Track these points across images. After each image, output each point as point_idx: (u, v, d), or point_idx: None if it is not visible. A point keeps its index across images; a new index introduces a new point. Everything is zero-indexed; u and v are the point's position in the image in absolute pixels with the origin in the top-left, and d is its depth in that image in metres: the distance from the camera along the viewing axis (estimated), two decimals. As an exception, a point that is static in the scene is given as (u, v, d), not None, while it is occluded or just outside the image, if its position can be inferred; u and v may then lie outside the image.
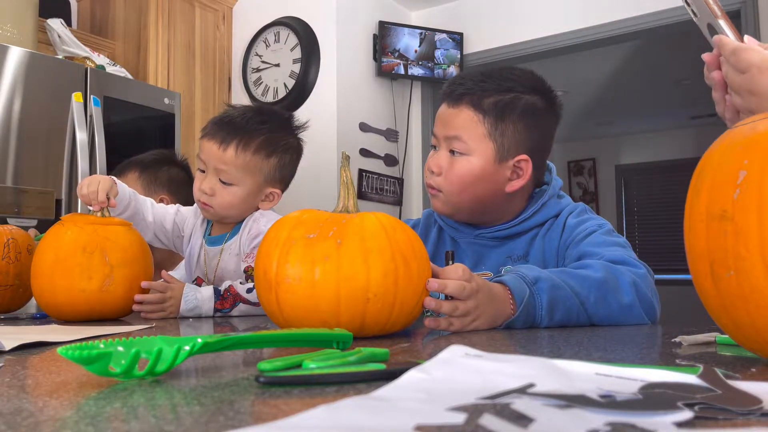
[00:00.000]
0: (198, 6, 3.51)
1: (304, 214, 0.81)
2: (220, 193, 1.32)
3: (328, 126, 3.46)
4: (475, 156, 1.13)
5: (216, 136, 1.30)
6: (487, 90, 1.14)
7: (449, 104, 1.16)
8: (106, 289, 1.13)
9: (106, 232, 1.16)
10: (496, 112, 1.13)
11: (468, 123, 1.13)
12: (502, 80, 1.16)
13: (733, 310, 0.51)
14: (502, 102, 1.13)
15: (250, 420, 0.36)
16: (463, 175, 1.13)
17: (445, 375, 0.45)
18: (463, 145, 1.13)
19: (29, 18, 2.81)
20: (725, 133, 0.56)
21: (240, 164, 1.30)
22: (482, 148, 1.13)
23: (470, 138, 1.13)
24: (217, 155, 1.30)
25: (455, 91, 1.15)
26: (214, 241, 1.41)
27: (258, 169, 1.32)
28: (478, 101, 1.13)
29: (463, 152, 1.13)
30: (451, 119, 1.15)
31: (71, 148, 2.62)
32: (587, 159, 7.67)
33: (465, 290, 0.82)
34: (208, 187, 1.32)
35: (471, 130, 1.13)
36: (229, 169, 1.30)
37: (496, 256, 1.19)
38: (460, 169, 1.13)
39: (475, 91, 1.14)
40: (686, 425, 0.32)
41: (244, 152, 1.30)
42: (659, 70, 5.27)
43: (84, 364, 0.47)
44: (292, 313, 0.76)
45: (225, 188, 1.32)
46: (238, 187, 1.32)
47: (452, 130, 1.14)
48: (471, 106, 1.13)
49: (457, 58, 3.83)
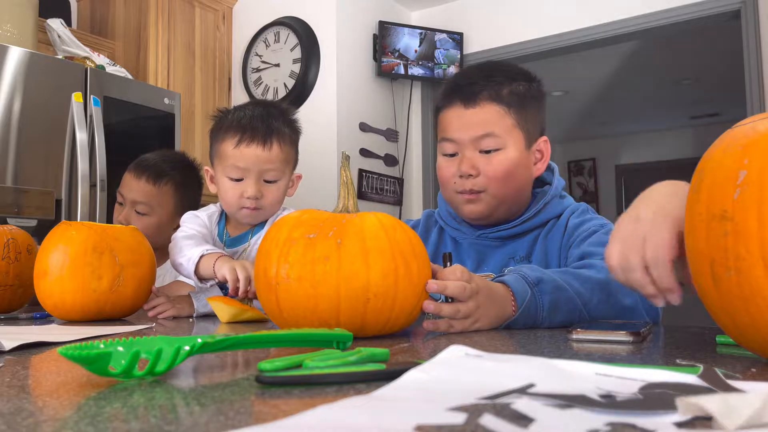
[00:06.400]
0: (198, 6, 3.51)
1: (304, 214, 0.81)
2: (268, 192, 1.32)
3: (328, 126, 3.46)
4: (509, 148, 1.13)
5: (255, 139, 1.28)
6: (500, 83, 1.13)
7: (465, 105, 1.13)
8: (116, 289, 1.14)
9: (114, 232, 1.17)
10: (517, 102, 1.13)
11: (495, 117, 1.12)
12: (503, 71, 1.16)
13: (733, 310, 0.51)
14: (518, 91, 1.14)
15: (250, 420, 0.36)
16: (506, 168, 1.13)
17: (445, 375, 0.45)
18: (495, 141, 1.12)
19: (29, 18, 2.81)
20: (725, 133, 0.56)
21: (282, 158, 1.31)
22: (514, 138, 1.13)
23: (501, 132, 1.12)
24: (261, 157, 1.28)
25: (468, 91, 1.13)
26: (234, 242, 1.39)
27: (292, 159, 1.35)
28: (497, 94, 1.12)
29: (496, 147, 1.12)
30: (473, 119, 1.13)
31: (71, 148, 2.62)
32: (587, 159, 7.67)
33: (466, 291, 0.82)
34: (256, 192, 1.29)
35: (500, 123, 1.12)
36: (275, 166, 1.30)
37: (498, 257, 1.19)
38: (500, 164, 1.13)
39: (490, 85, 1.13)
40: (686, 425, 0.32)
41: (283, 145, 1.30)
42: (659, 70, 5.27)
43: (84, 364, 0.47)
44: (292, 313, 0.76)
45: (271, 186, 1.32)
46: (281, 181, 1.33)
47: (480, 129, 1.12)
48: (492, 101, 1.12)
49: (457, 58, 3.83)
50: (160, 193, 1.73)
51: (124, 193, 1.75)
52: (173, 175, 1.75)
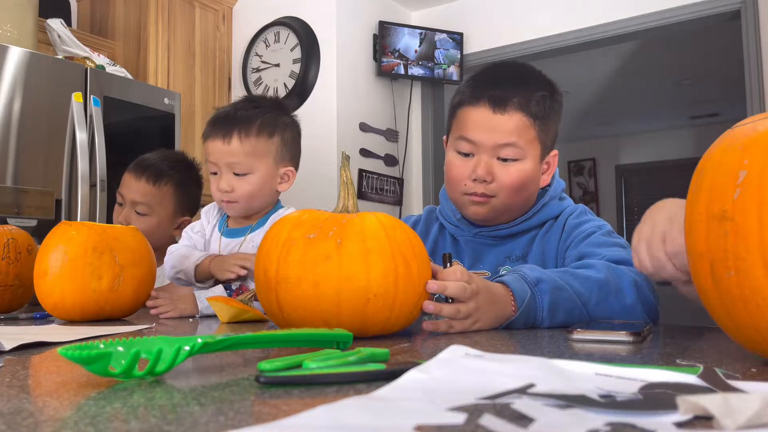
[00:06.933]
0: (198, 6, 3.51)
1: (304, 214, 0.81)
2: (239, 186, 1.33)
3: (328, 126, 3.46)
4: (527, 160, 1.12)
5: (217, 133, 1.32)
6: (530, 92, 1.11)
7: (494, 109, 1.10)
8: (116, 289, 1.14)
9: (114, 232, 1.17)
10: (542, 114, 1.11)
11: (521, 128, 1.10)
12: (534, 78, 1.14)
13: (733, 310, 0.51)
14: (544, 102, 1.12)
15: (250, 420, 0.36)
16: (520, 179, 1.12)
17: (445, 375, 0.45)
18: (516, 151, 1.11)
19: (29, 18, 2.81)
20: (725, 133, 0.56)
21: (248, 151, 1.32)
22: (533, 151, 1.12)
23: (523, 143, 1.10)
24: (223, 150, 1.31)
25: (498, 95, 1.10)
26: (232, 233, 1.41)
27: (266, 152, 1.34)
28: (526, 104, 1.10)
29: (515, 158, 1.11)
30: (498, 125, 1.10)
31: (71, 148, 2.62)
32: (587, 159, 7.67)
33: (466, 292, 0.82)
34: (226, 185, 1.33)
35: (524, 134, 1.10)
36: (239, 160, 1.31)
37: (494, 255, 1.19)
38: (516, 174, 1.11)
39: (521, 93, 1.10)
40: (686, 425, 0.32)
41: (248, 138, 1.31)
42: (659, 70, 5.28)
43: (84, 364, 0.47)
44: (292, 313, 0.76)
45: (241, 180, 1.33)
46: (253, 174, 1.33)
47: (503, 138, 1.10)
48: (520, 110, 1.10)
49: (457, 58, 3.83)
50: (160, 193, 1.73)
51: (124, 193, 1.75)
52: (173, 175, 1.75)
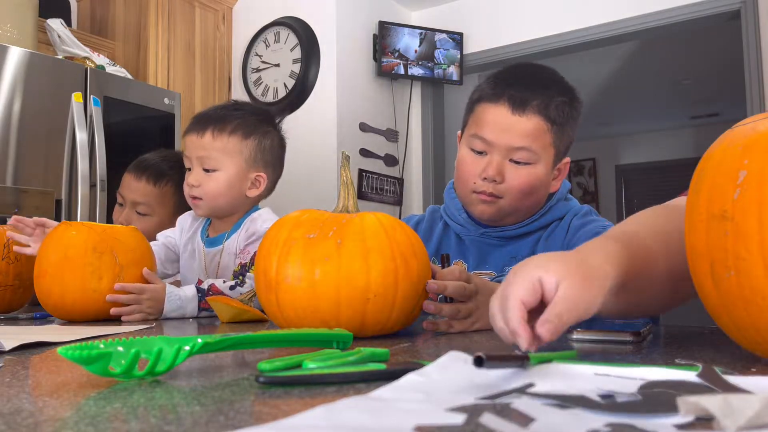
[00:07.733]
0: (198, 6, 3.51)
1: (304, 214, 0.81)
2: (206, 182, 1.34)
3: (328, 126, 3.46)
4: (540, 165, 1.11)
5: (194, 128, 1.35)
6: (551, 96, 1.09)
7: (513, 110, 1.08)
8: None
9: (114, 232, 1.17)
10: (560, 120, 1.10)
11: (538, 133, 1.09)
12: (557, 82, 1.13)
13: (733, 310, 0.51)
14: (564, 108, 1.10)
15: (250, 420, 0.36)
16: (531, 183, 1.11)
17: (445, 376, 0.45)
18: (529, 155, 1.09)
19: (29, 18, 2.81)
20: (725, 133, 0.56)
21: (218, 147, 1.33)
22: (546, 156, 1.11)
23: (538, 148, 1.09)
24: (195, 143, 1.33)
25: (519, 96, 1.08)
26: (212, 242, 1.41)
27: (237, 152, 1.34)
28: (545, 108, 1.08)
29: (528, 161, 1.10)
30: (516, 127, 1.08)
31: (71, 148, 2.62)
32: (587, 159, 7.67)
33: (466, 291, 0.82)
34: (193, 179, 1.34)
35: (539, 139, 1.09)
36: (208, 154, 1.33)
37: (499, 256, 1.19)
38: (526, 178, 1.10)
39: (541, 96, 1.08)
40: (687, 427, 0.32)
41: (221, 135, 1.33)
42: (659, 70, 5.27)
43: (84, 364, 0.47)
44: (292, 313, 0.76)
45: (209, 176, 1.34)
46: (221, 171, 1.34)
47: (519, 140, 1.08)
48: (539, 113, 1.08)
49: (457, 58, 3.83)
50: (160, 193, 1.73)
51: (124, 194, 1.75)
52: (173, 175, 1.75)
